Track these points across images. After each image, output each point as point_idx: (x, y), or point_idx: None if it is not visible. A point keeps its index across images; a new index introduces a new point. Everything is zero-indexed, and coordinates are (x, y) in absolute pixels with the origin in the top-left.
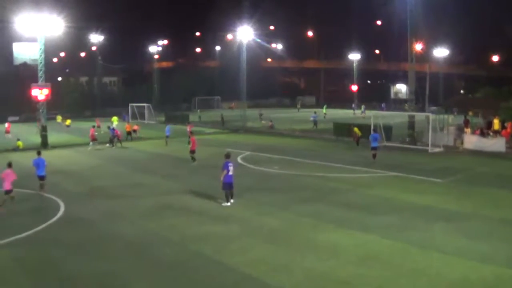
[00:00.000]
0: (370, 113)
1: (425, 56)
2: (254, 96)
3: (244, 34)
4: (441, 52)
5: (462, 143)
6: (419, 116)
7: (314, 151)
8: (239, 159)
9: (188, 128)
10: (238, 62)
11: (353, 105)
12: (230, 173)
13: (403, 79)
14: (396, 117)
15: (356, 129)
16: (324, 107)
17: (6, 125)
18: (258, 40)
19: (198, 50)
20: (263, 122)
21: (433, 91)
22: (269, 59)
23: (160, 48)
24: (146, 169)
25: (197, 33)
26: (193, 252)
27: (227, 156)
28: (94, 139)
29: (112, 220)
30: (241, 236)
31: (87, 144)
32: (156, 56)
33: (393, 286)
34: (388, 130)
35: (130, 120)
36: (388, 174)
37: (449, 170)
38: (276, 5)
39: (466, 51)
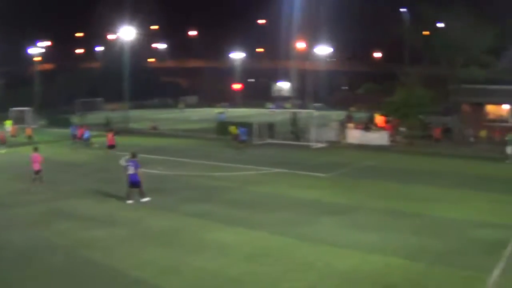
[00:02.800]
0: (252, 111)
1: (307, 54)
2: (137, 97)
3: (127, 34)
4: (323, 49)
5: (345, 138)
6: (302, 112)
7: (198, 150)
8: (122, 162)
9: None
10: (121, 62)
11: (223, 104)
12: (130, 172)
13: (286, 76)
14: (279, 115)
15: (232, 128)
16: (220, 108)
17: None
18: (141, 40)
19: (80, 51)
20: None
21: (316, 88)
22: (151, 59)
23: (43, 50)
24: (31, 174)
25: (80, 34)
26: (83, 258)
27: (132, 155)
28: (3, 141)
29: None
30: (129, 239)
31: None
32: (38, 58)
33: (285, 281)
34: (271, 128)
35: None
36: (273, 171)
37: (333, 165)
38: (159, 5)
39: (348, 48)
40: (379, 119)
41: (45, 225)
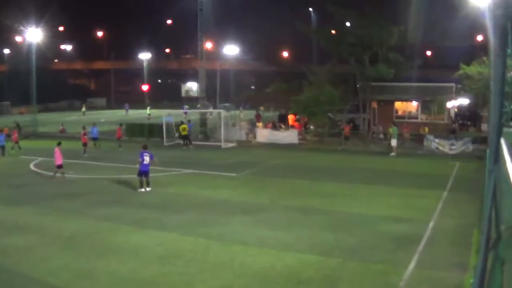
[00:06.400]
0: (162, 112)
1: (215, 54)
2: (44, 99)
3: (33, 35)
4: (231, 49)
5: (254, 137)
6: (211, 112)
7: (107, 153)
8: (32, 166)
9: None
10: (27, 65)
11: (125, 105)
12: (145, 162)
13: (194, 77)
14: (189, 115)
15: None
16: (148, 108)
17: None
18: (47, 41)
19: None
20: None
21: (225, 88)
22: (58, 61)
23: None
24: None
25: None
26: None
27: (144, 147)
28: None
29: None
30: (41, 245)
31: None
32: None
33: (199, 282)
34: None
35: None
36: (183, 171)
37: (243, 164)
38: (64, 6)
39: (256, 48)
40: (290, 117)
41: None
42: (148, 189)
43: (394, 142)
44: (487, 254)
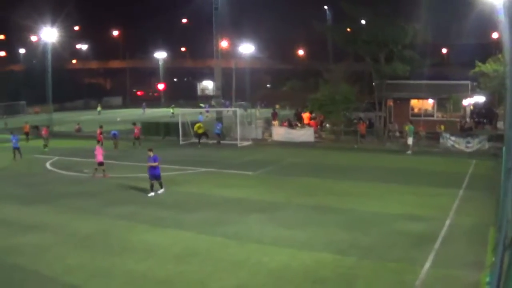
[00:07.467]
0: (177, 110)
1: (231, 53)
2: (60, 99)
3: (48, 35)
4: (246, 48)
5: (270, 135)
6: (227, 111)
7: (123, 151)
8: (47, 165)
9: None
10: (43, 64)
11: (143, 104)
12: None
13: (210, 76)
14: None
15: (197, 126)
16: (172, 106)
17: None
18: (63, 41)
19: (2, 54)
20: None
21: (240, 86)
22: (74, 60)
23: None
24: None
25: (1, 37)
26: (9, 265)
27: (151, 149)
28: None
29: None
30: (56, 244)
31: None
32: None
33: (215, 280)
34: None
35: None
36: (199, 170)
37: (259, 163)
38: (80, 5)
39: (271, 46)
40: (305, 116)
41: None
42: (162, 190)
43: (410, 140)
44: (504, 252)
